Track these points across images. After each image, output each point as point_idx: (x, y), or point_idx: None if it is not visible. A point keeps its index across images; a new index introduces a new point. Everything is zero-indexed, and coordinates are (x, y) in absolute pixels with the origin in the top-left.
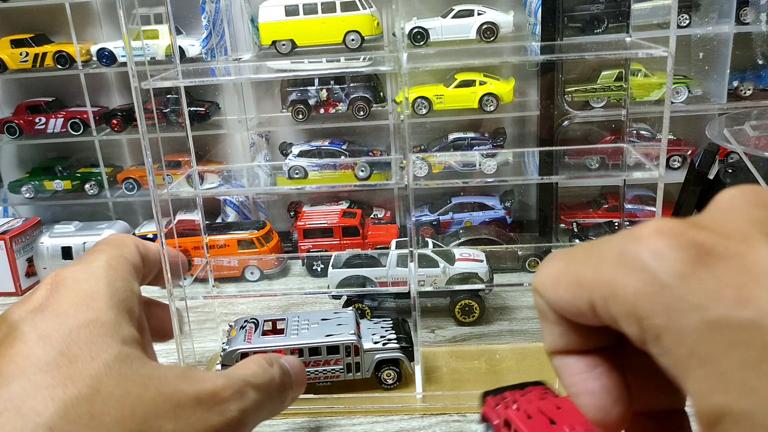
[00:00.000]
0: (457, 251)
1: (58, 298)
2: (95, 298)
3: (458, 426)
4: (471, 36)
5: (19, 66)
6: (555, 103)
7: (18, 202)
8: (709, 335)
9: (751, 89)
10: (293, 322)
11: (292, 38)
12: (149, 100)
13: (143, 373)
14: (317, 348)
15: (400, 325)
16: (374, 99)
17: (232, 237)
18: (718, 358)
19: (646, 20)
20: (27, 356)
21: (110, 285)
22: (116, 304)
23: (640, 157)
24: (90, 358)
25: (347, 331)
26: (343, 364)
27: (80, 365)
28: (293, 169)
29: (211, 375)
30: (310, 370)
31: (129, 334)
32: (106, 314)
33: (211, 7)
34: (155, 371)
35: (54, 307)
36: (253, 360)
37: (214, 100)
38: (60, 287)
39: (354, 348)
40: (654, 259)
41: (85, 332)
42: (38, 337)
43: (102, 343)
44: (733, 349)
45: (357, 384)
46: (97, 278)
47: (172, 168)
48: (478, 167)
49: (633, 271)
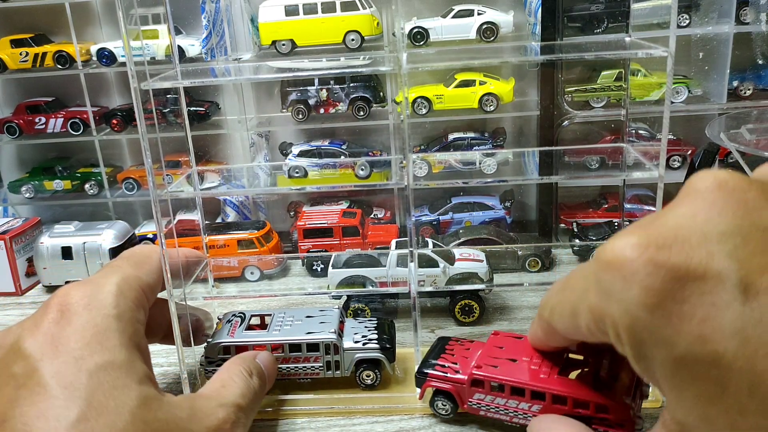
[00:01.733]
0: (457, 251)
1: (70, 333)
2: (107, 336)
3: (458, 426)
4: (471, 36)
5: (19, 66)
6: (555, 103)
7: (18, 202)
8: (676, 369)
9: (751, 89)
10: (278, 318)
11: (292, 38)
12: (149, 100)
13: (162, 418)
14: (298, 345)
15: (386, 326)
16: (374, 99)
17: (232, 237)
18: (682, 389)
19: (646, 20)
20: (58, 416)
21: (120, 318)
22: (128, 340)
23: (640, 157)
24: (115, 407)
25: (328, 329)
26: (322, 361)
27: (108, 417)
28: (293, 169)
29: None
30: (290, 367)
31: (143, 372)
32: (120, 354)
33: (211, 7)
34: (170, 413)
35: (67, 343)
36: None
37: (214, 100)
38: (69, 316)
39: (333, 346)
40: (624, 289)
41: (104, 377)
42: (62, 388)
43: (123, 387)
44: (694, 383)
45: (337, 383)
46: (107, 309)
47: (172, 168)
48: (478, 167)
49: (610, 301)
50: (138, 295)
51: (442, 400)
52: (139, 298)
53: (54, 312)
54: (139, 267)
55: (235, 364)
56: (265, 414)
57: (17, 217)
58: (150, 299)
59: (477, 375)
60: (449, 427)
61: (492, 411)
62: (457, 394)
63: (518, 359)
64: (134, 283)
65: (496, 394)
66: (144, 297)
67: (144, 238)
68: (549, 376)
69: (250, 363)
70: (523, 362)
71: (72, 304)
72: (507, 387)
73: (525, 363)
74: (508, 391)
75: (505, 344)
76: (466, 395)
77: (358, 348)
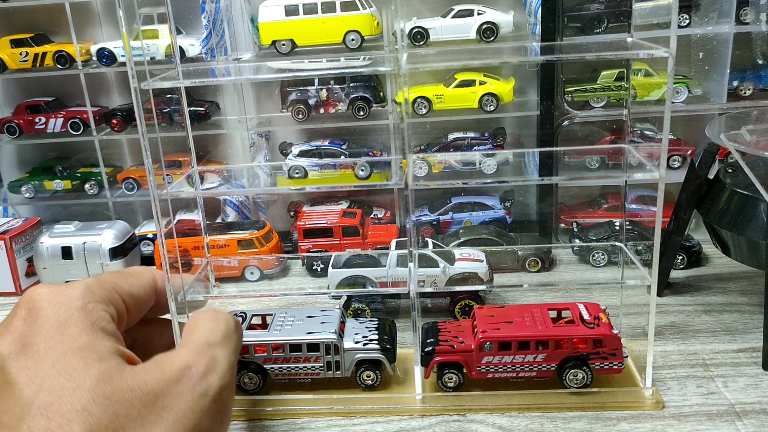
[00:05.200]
0: (457, 251)
1: (36, 329)
2: (69, 324)
3: (458, 426)
4: (471, 36)
5: (19, 66)
6: (555, 103)
7: (18, 202)
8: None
9: (751, 89)
10: (279, 318)
11: (292, 38)
12: (149, 100)
13: (124, 387)
14: (298, 345)
15: (387, 326)
16: (374, 99)
17: (232, 237)
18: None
19: (646, 20)
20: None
21: (83, 309)
22: (90, 325)
23: (641, 157)
24: (74, 389)
25: (328, 330)
26: (323, 362)
27: (68, 398)
28: (293, 169)
29: (181, 354)
30: (290, 366)
31: (106, 350)
32: (80, 339)
33: (211, 7)
34: (135, 379)
35: (34, 341)
36: (201, 319)
37: (214, 100)
38: (36, 313)
39: (334, 346)
40: None
41: (64, 363)
42: (27, 381)
43: (82, 369)
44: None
45: (338, 383)
46: (71, 302)
47: (172, 168)
48: (478, 167)
49: None
50: (108, 294)
51: (450, 372)
52: (109, 296)
53: (22, 311)
54: (121, 276)
55: (199, 312)
56: (265, 414)
57: (17, 217)
58: (129, 305)
59: (489, 337)
60: (449, 427)
61: (500, 371)
62: (465, 362)
63: (514, 320)
64: (107, 285)
65: (503, 353)
66: (117, 297)
67: (144, 238)
68: (547, 327)
69: (216, 310)
70: (520, 321)
71: (39, 302)
72: (514, 343)
73: (522, 321)
74: (515, 347)
75: (494, 313)
76: (475, 361)
77: (358, 348)
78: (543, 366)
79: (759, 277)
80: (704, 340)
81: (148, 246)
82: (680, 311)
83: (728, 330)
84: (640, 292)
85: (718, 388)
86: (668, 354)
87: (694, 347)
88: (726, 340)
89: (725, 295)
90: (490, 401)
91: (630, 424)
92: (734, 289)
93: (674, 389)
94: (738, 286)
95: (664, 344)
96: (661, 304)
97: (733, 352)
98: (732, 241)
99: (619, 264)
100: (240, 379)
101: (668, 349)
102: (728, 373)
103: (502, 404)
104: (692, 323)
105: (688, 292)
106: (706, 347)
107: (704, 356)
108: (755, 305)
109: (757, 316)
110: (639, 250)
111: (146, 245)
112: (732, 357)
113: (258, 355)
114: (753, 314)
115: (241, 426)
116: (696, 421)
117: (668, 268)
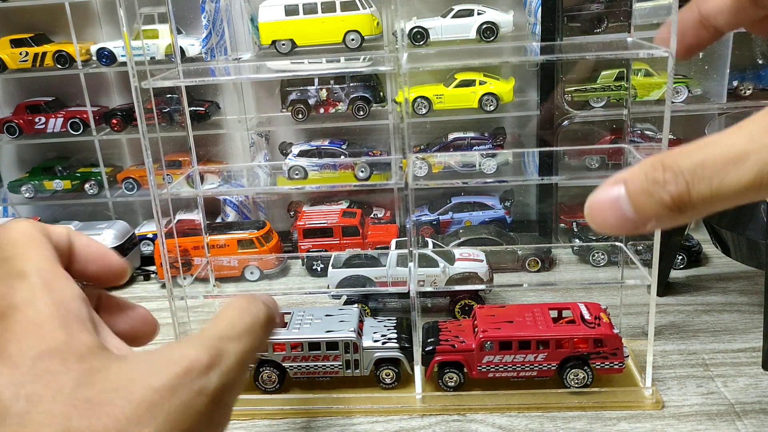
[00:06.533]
0: (457, 251)
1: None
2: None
3: (458, 426)
4: (471, 36)
5: (18, 66)
6: (555, 103)
7: (18, 201)
8: None
9: (750, 89)
10: (298, 316)
11: (292, 38)
12: (149, 99)
13: (108, 388)
14: (317, 343)
15: (404, 325)
16: (374, 99)
17: (232, 237)
18: None
19: (646, 20)
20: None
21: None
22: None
23: (641, 157)
24: (52, 396)
25: (347, 328)
26: (342, 360)
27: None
28: (293, 169)
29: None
30: (309, 365)
31: (84, 346)
32: (54, 338)
33: (211, 7)
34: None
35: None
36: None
37: (214, 100)
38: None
39: (353, 345)
40: None
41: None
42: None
43: (58, 373)
44: None
45: (356, 382)
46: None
47: (173, 168)
48: (478, 167)
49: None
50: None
51: (451, 371)
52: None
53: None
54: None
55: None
56: (265, 414)
57: (17, 216)
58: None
59: (490, 337)
60: (449, 427)
61: (501, 371)
62: (466, 362)
63: (514, 320)
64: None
65: (504, 353)
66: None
67: (144, 237)
68: (547, 327)
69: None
70: (521, 321)
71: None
72: (515, 343)
73: (522, 321)
74: (516, 347)
75: (495, 312)
76: (476, 361)
77: (377, 347)
78: (544, 366)
79: (759, 277)
80: (704, 340)
81: (148, 246)
82: (680, 311)
83: (728, 330)
84: (640, 291)
85: (717, 387)
86: (668, 354)
87: (694, 347)
88: (726, 340)
89: (725, 295)
90: (489, 401)
91: (630, 423)
92: (734, 289)
93: (674, 389)
94: (738, 286)
95: (664, 344)
96: (661, 303)
97: (732, 352)
98: (732, 241)
99: (619, 264)
100: (258, 377)
101: (668, 348)
102: (728, 372)
103: (501, 404)
104: (692, 323)
105: (688, 292)
106: (706, 347)
107: (704, 356)
108: (755, 305)
109: (757, 316)
110: (639, 250)
111: (146, 245)
112: (732, 357)
113: (277, 354)
114: (753, 314)
115: (241, 426)
116: (696, 421)
117: (668, 268)
